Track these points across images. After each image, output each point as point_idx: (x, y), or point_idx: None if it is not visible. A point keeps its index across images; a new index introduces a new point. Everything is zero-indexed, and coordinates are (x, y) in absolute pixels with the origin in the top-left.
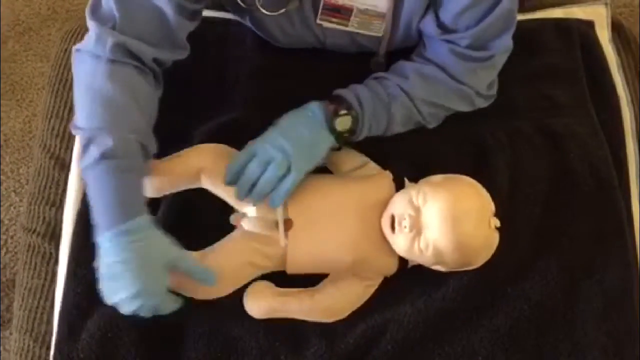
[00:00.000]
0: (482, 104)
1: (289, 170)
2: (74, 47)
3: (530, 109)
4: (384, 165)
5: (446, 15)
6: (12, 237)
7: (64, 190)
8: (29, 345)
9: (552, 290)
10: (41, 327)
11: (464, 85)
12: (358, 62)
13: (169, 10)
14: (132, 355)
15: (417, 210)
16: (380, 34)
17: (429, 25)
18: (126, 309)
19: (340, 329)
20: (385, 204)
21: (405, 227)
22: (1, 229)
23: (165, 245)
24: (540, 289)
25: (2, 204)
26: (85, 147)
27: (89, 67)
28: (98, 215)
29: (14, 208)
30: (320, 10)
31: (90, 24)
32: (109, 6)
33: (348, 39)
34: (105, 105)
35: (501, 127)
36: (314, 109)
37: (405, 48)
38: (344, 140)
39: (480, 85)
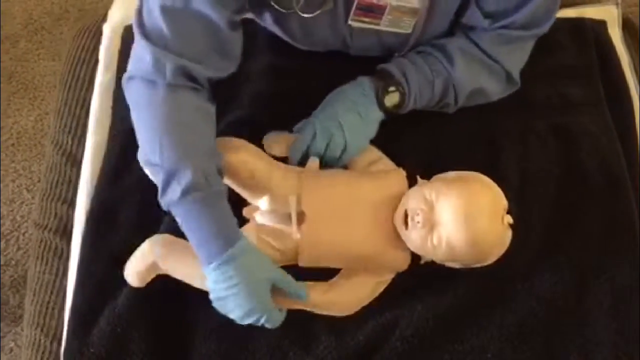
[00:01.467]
0: (509, 88)
1: (345, 145)
2: (125, 76)
3: (544, 107)
4: (396, 162)
5: (492, 3)
6: (24, 234)
7: (76, 187)
8: (39, 340)
9: (562, 287)
10: (52, 321)
11: (498, 64)
12: (366, 61)
13: (221, 21)
14: (141, 350)
15: (431, 205)
16: (408, 31)
17: (474, 18)
18: (238, 321)
19: (349, 325)
20: (398, 200)
21: (418, 222)
22: (13, 226)
23: (266, 264)
24: (550, 287)
25: (14, 201)
26: (166, 183)
27: (146, 97)
28: (198, 248)
29: (26, 205)
30: (353, 11)
31: (143, 44)
32: (156, 23)
33: (375, 40)
34: (177, 134)
35: (514, 124)
36: (365, 85)
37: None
38: (391, 115)
39: (513, 67)
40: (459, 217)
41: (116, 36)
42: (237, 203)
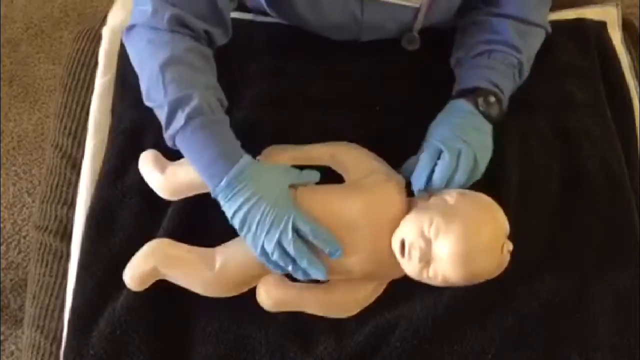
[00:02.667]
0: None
1: (475, 159)
2: (126, 27)
3: (546, 105)
4: (396, 161)
5: None
6: (24, 238)
7: (76, 189)
8: (39, 342)
9: (562, 288)
10: (52, 323)
11: (541, 27)
12: (367, 61)
13: None
14: (141, 352)
15: (428, 242)
16: (417, 5)
17: None
18: (272, 243)
19: (349, 326)
20: (396, 212)
21: (415, 257)
22: (14, 229)
23: (275, 169)
24: (551, 288)
25: (15, 205)
26: (170, 114)
27: (147, 40)
28: (204, 173)
29: (27, 208)
30: None
31: None
32: None
33: (387, 14)
34: (178, 70)
35: (515, 123)
36: (463, 106)
37: (439, 27)
38: (496, 124)
39: (547, 22)
40: (457, 258)
41: (115, 39)
42: None
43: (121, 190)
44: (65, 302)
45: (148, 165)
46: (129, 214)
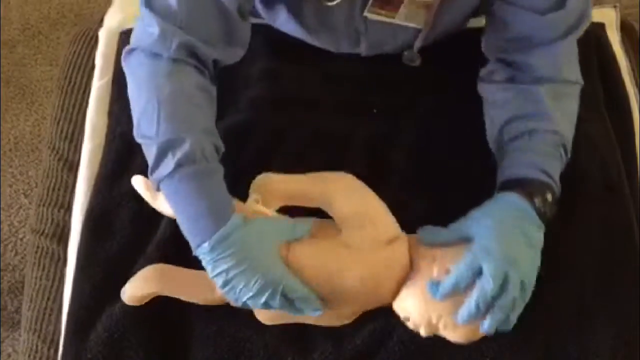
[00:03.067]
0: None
1: (523, 287)
2: (126, 49)
3: None
4: (392, 169)
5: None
6: (21, 240)
7: (72, 192)
8: (37, 346)
9: (561, 292)
10: (49, 327)
11: (577, 84)
12: (367, 65)
13: (231, 6)
14: (139, 355)
15: (435, 329)
16: (421, 26)
17: (526, 25)
18: (258, 304)
19: (347, 330)
20: (399, 274)
21: (422, 332)
22: (11, 231)
23: (265, 230)
24: (550, 292)
25: (12, 206)
26: (159, 156)
27: (148, 68)
28: (186, 230)
29: (24, 210)
30: (370, 2)
31: (150, 17)
32: (167, 1)
33: (390, 33)
34: (176, 107)
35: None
36: (518, 205)
37: (440, 42)
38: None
39: (577, 74)
40: (462, 342)
41: (112, 41)
42: None
43: (118, 193)
44: (62, 305)
45: (140, 189)
46: (126, 218)
